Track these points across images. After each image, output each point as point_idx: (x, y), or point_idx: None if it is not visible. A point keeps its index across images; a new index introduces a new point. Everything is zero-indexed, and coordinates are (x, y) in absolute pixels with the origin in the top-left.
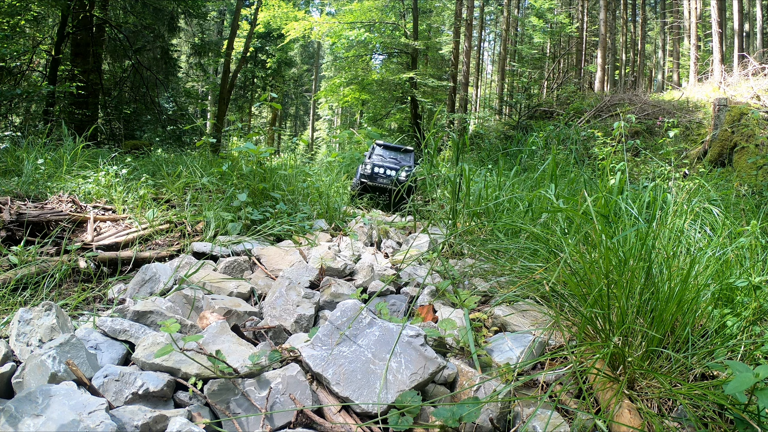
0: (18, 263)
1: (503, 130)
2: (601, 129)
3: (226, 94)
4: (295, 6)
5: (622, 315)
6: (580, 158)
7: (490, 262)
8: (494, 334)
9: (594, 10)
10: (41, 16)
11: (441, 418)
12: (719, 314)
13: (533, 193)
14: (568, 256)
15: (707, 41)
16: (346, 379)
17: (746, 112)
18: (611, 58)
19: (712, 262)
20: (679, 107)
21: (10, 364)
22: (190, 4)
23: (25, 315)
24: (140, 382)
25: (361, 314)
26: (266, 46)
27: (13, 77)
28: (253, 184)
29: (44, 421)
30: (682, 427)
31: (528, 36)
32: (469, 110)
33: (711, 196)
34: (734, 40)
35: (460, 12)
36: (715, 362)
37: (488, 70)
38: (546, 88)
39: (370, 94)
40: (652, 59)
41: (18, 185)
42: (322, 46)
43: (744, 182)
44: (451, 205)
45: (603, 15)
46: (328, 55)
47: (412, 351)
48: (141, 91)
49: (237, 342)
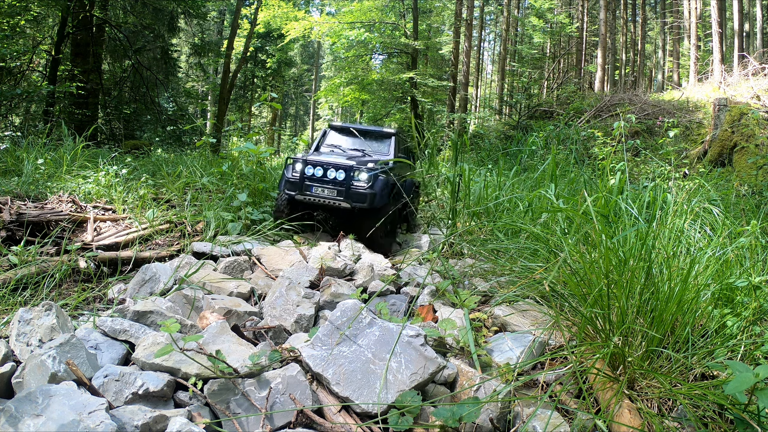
0: (18, 263)
1: (503, 130)
2: (601, 129)
3: (226, 94)
4: (295, 6)
5: (622, 315)
6: (580, 158)
7: (490, 262)
8: (494, 334)
9: (594, 10)
10: (41, 16)
11: (441, 418)
12: (719, 314)
13: (533, 193)
14: (568, 256)
15: (707, 41)
16: (346, 379)
17: (746, 112)
18: (611, 58)
19: (712, 262)
20: (679, 107)
21: (10, 364)
22: (190, 4)
23: (25, 315)
24: (140, 382)
25: (361, 314)
26: (266, 46)
27: (13, 77)
28: (253, 184)
29: (44, 421)
30: (682, 427)
31: (528, 36)
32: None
33: (711, 196)
34: (734, 40)
35: (460, 12)
36: (715, 362)
37: (488, 70)
38: (546, 88)
39: (370, 94)
40: (652, 59)
41: (18, 185)
42: (322, 46)
43: (744, 182)
44: (451, 205)
45: (603, 15)
46: (328, 55)
47: (412, 351)
48: (141, 91)
49: (237, 342)
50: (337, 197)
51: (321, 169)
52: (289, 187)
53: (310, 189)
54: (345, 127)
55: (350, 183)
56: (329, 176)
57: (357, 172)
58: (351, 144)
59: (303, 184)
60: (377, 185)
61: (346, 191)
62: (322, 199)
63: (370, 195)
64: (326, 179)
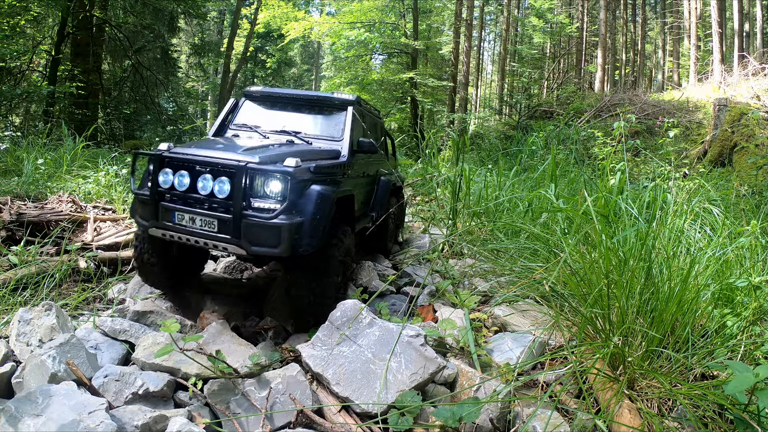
0: (18, 263)
1: (503, 130)
2: (601, 129)
3: (226, 94)
4: (295, 6)
5: (622, 315)
6: (580, 158)
7: (490, 262)
8: (494, 334)
9: (594, 10)
10: (41, 16)
11: (441, 418)
12: (719, 314)
13: (533, 193)
14: (568, 256)
15: (707, 41)
16: (346, 379)
17: (746, 112)
18: (611, 58)
19: (712, 262)
20: (679, 107)
21: (10, 364)
22: (190, 4)
23: (25, 315)
24: (140, 382)
25: (361, 314)
26: (266, 46)
27: (13, 77)
28: None
29: (44, 421)
30: (682, 427)
31: (528, 36)
32: (469, 110)
33: (711, 196)
34: (734, 40)
35: (460, 12)
36: (715, 362)
37: (488, 70)
38: (546, 88)
39: (370, 94)
40: (652, 59)
41: (18, 185)
42: (322, 46)
43: (744, 182)
44: (451, 205)
45: (603, 15)
46: (328, 55)
47: (412, 351)
48: (141, 91)
49: (237, 342)
50: (217, 234)
51: (186, 175)
52: (141, 212)
53: (171, 216)
54: (268, 94)
55: (243, 203)
56: (201, 189)
57: (258, 178)
58: (278, 123)
59: (158, 205)
60: (306, 206)
61: (233, 221)
62: (192, 237)
63: (286, 229)
64: (196, 196)
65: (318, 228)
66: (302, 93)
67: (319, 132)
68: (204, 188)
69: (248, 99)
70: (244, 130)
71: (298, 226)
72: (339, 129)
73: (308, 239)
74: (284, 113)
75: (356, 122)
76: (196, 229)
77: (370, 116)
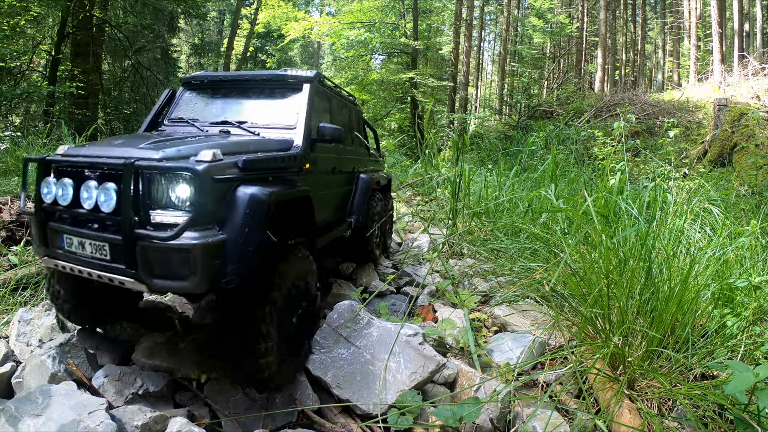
0: (18, 263)
1: (503, 130)
2: (601, 129)
3: None
4: (295, 6)
5: (622, 315)
6: (580, 158)
7: (490, 262)
8: (494, 334)
9: (594, 10)
10: (41, 16)
11: (441, 417)
12: (719, 314)
13: (533, 193)
14: (568, 256)
15: (707, 41)
16: (345, 381)
17: (746, 112)
18: (611, 58)
19: (712, 262)
20: (679, 107)
21: (10, 364)
22: (190, 4)
23: (25, 315)
24: (140, 382)
25: (359, 315)
26: (266, 46)
27: (13, 77)
28: None
29: (44, 421)
30: (682, 427)
31: (528, 36)
32: (469, 110)
33: (711, 196)
34: (734, 40)
35: (460, 12)
36: (715, 362)
37: (488, 70)
38: (546, 88)
39: (370, 94)
40: (652, 59)
41: (18, 185)
42: (322, 46)
43: (744, 182)
44: (451, 205)
45: (603, 15)
46: (328, 55)
47: (411, 350)
48: (141, 91)
49: None
50: (110, 263)
51: (70, 184)
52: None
53: (60, 240)
54: (209, 80)
55: (134, 219)
56: (84, 200)
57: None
58: (220, 113)
59: (46, 226)
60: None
61: (124, 244)
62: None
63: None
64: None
65: (249, 247)
66: (249, 74)
67: (270, 120)
68: (88, 199)
69: (187, 88)
70: (179, 125)
71: (218, 246)
72: (294, 112)
73: (235, 265)
74: (228, 100)
75: (315, 104)
76: (86, 257)
77: (340, 100)
